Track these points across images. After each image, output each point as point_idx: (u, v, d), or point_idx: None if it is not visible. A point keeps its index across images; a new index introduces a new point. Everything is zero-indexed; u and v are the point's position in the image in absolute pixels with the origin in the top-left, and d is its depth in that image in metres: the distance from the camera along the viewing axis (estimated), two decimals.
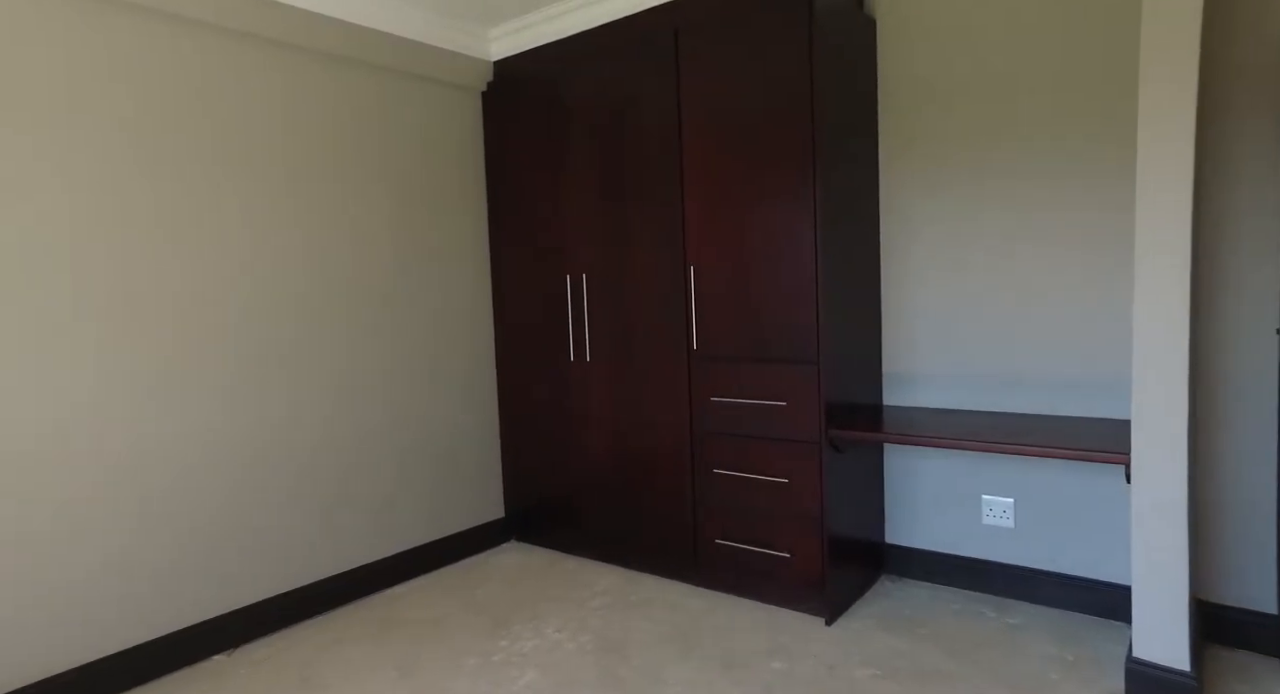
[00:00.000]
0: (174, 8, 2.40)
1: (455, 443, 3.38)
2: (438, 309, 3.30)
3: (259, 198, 2.67)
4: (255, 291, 2.67)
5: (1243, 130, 2.21)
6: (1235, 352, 2.25)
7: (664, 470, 2.97)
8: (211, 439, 2.55)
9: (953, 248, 2.73)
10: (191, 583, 2.51)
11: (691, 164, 2.75)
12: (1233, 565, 2.31)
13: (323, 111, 2.86)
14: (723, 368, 2.74)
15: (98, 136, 2.28)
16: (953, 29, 2.67)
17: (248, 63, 2.63)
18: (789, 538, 2.64)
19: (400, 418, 3.15)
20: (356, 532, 3.00)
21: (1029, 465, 2.64)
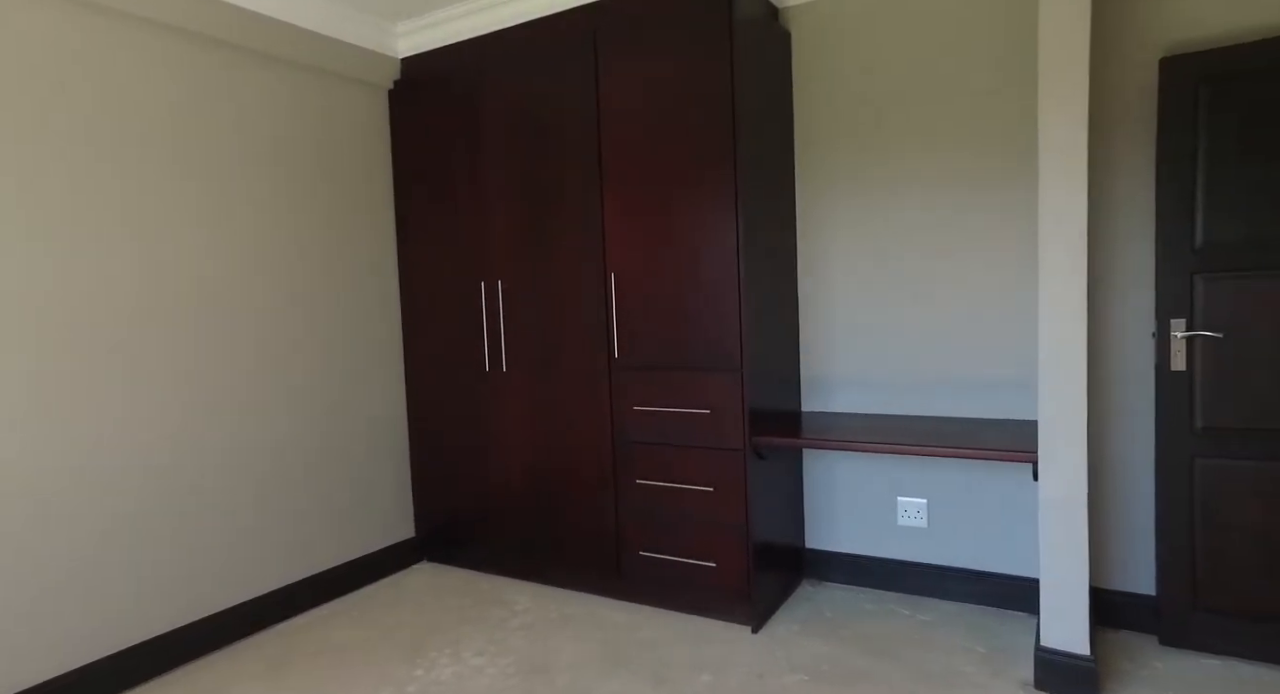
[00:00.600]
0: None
1: (361, 460, 3.18)
2: (340, 317, 3.10)
3: (143, 195, 2.42)
4: (140, 297, 2.40)
5: (1118, 150, 2.38)
6: (1118, 356, 2.43)
7: (585, 482, 2.89)
8: (92, 463, 2.27)
9: (866, 255, 2.82)
10: (69, 623, 2.22)
11: (612, 170, 2.71)
12: (1116, 553, 2.48)
13: (212, 103, 2.63)
14: (646, 377, 2.71)
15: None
16: (865, 43, 2.76)
17: (128, 45, 2.38)
18: (714, 547, 2.62)
19: (300, 435, 2.93)
20: (253, 559, 2.76)
21: (941, 466, 2.75)
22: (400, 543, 3.36)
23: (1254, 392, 2.16)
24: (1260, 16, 2.16)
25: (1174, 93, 2.19)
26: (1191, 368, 2.22)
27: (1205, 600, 2.27)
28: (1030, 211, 2.53)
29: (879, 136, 2.76)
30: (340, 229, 3.10)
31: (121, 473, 2.37)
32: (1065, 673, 2.07)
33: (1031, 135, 2.50)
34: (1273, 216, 2.11)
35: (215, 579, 2.64)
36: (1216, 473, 2.22)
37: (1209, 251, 2.18)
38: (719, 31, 2.45)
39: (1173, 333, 2.22)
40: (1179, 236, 2.21)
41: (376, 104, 3.28)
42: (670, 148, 2.58)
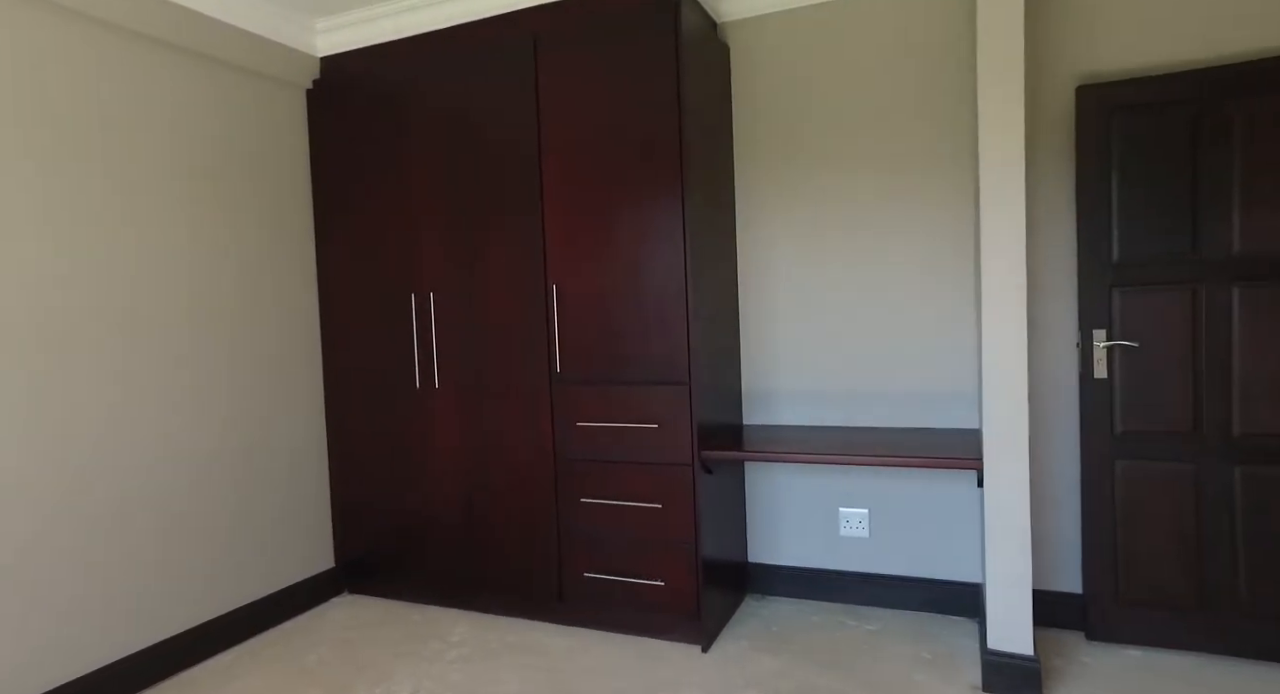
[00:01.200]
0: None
1: (274, 486, 2.93)
2: (253, 330, 2.85)
3: (18, 192, 2.14)
4: (32, 312, 2.12)
5: (1040, 171, 2.52)
6: (1043, 366, 2.55)
7: (524, 503, 2.77)
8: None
9: (806, 267, 2.86)
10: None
11: (552, 179, 2.64)
12: (1044, 555, 2.59)
13: (110, 94, 2.37)
14: (590, 391, 2.63)
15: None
16: (800, 60, 2.82)
17: (7, 23, 2.11)
18: (662, 565, 2.56)
19: (207, 461, 2.66)
20: (154, 599, 2.47)
21: (881, 476, 2.80)
22: (319, 574, 3.11)
23: (1164, 397, 2.32)
24: (1158, 55, 2.34)
25: (1089, 120, 2.35)
26: (1111, 376, 2.36)
27: (1127, 595, 2.40)
28: (959, 229, 2.63)
29: (815, 153, 2.81)
30: (253, 235, 2.87)
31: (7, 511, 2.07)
32: (1011, 674, 2.13)
33: (959, 154, 2.61)
34: (1173, 236, 2.28)
35: (120, 620, 2.34)
36: (1135, 475, 2.36)
37: (1124, 267, 2.34)
38: (666, 43, 2.43)
39: (1095, 343, 2.36)
40: (1097, 253, 2.36)
41: (293, 104, 3.07)
42: (615, 160, 2.53)
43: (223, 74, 2.76)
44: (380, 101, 2.93)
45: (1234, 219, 2.23)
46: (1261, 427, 2.24)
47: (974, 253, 2.61)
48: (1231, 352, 2.25)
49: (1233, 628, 2.30)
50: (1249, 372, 2.24)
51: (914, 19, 2.65)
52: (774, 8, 2.83)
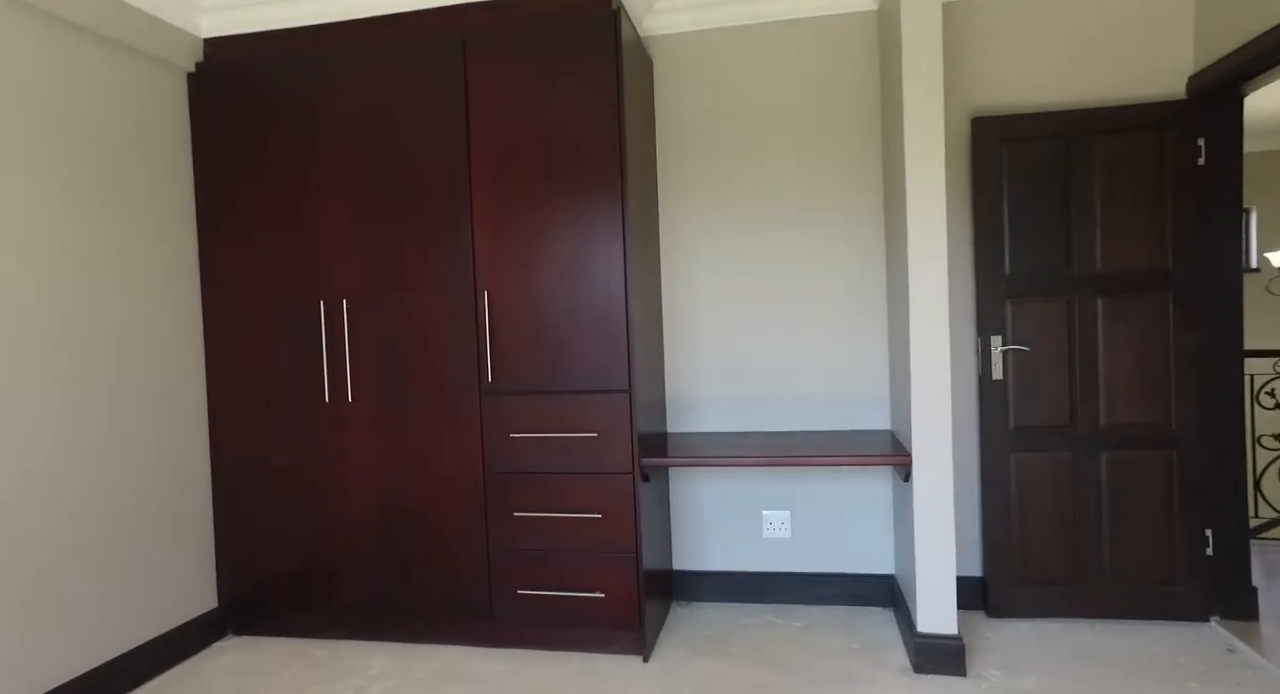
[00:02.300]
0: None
1: (142, 521, 2.57)
2: (121, 339, 2.50)
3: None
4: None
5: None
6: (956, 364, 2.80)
7: (451, 521, 2.62)
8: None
9: (727, 277, 2.95)
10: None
11: (483, 182, 2.55)
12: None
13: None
14: (524, 402, 2.55)
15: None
16: (720, 77, 2.93)
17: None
18: (603, 577, 2.52)
19: (64, 491, 2.29)
20: (14, 655, 2.07)
21: (801, 478, 2.93)
22: (198, 618, 2.75)
23: (1048, 395, 2.63)
24: (1035, 95, 2.68)
25: (982, 148, 2.63)
26: (1006, 377, 2.64)
27: (1020, 575, 2.67)
28: (870, 243, 2.84)
29: (734, 167, 2.92)
30: (124, 230, 2.52)
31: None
32: (939, 653, 2.30)
33: (869, 173, 2.83)
34: (1051, 253, 2.61)
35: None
36: (1026, 465, 2.65)
37: (1014, 280, 2.63)
38: (606, 49, 2.43)
39: (993, 348, 2.63)
40: (992, 266, 2.64)
41: (171, 88, 2.74)
42: (552, 164, 2.49)
43: (92, 47, 2.42)
44: (283, 93, 2.69)
45: (1097, 240, 2.59)
46: (1121, 417, 2.60)
47: (885, 265, 2.82)
48: (1097, 354, 2.60)
49: (1101, 594, 2.63)
50: (1111, 370, 2.60)
51: (825, 43, 2.84)
52: (694, 27, 2.93)
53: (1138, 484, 2.60)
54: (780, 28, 2.88)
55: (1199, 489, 2.59)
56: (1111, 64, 2.64)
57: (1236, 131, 2.56)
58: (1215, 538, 2.61)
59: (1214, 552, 2.61)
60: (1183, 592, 2.62)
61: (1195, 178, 2.55)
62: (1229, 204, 2.56)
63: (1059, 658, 2.41)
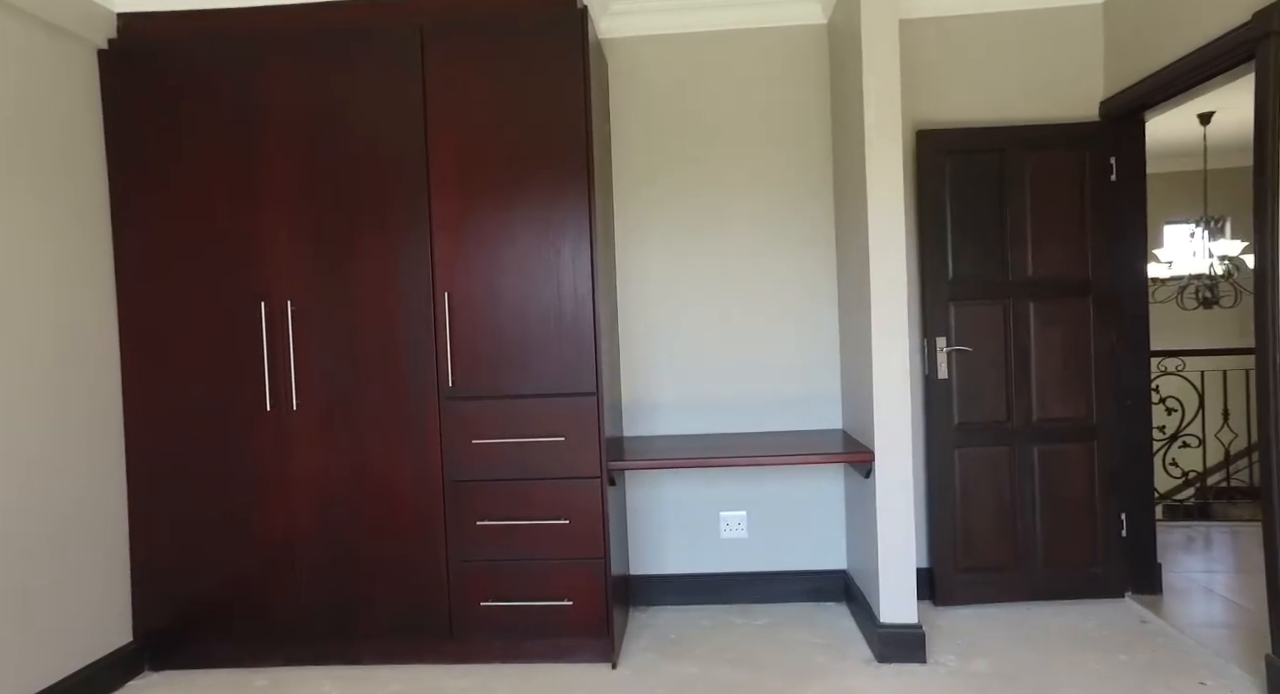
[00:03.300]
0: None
1: (40, 547, 2.29)
2: (17, 340, 2.23)
3: None
4: None
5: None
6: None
7: (407, 534, 2.49)
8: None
9: (681, 280, 2.97)
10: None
11: (442, 179, 2.45)
12: None
13: None
14: (487, 406, 2.46)
15: None
16: (675, 81, 2.95)
17: None
18: (570, 584, 2.46)
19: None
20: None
21: (758, 479, 2.97)
22: (110, 655, 2.47)
23: (988, 393, 2.80)
24: (973, 111, 2.87)
25: (926, 158, 2.78)
26: (950, 376, 2.79)
27: (963, 564, 2.82)
28: (821, 246, 2.93)
29: (687, 172, 2.95)
30: (20, 217, 2.25)
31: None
32: (902, 642, 2.39)
33: (821, 178, 2.92)
34: (989, 259, 2.79)
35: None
36: (969, 460, 2.81)
37: (957, 284, 2.79)
38: (574, 48, 2.40)
39: (938, 348, 2.77)
40: (937, 271, 2.79)
41: (79, 63, 2.48)
42: (517, 162, 2.43)
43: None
44: (211, 77, 2.49)
45: (1028, 248, 2.79)
46: (1051, 413, 2.81)
47: (835, 270, 2.92)
48: (1030, 354, 2.80)
49: (1034, 578, 2.83)
50: (1042, 369, 2.80)
51: (777, 54, 2.92)
52: (648, 31, 2.94)
53: (1065, 474, 2.82)
54: (732, 36, 2.94)
55: (1115, 477, 2.83)
56: (1038, 86, 2.86)
57: (1141, 152, 2.83)
58: (1128, 521, 2.86)
59: (1127, 533, 2.86)
60: (1102, 572, 2.85)
61: (1108, 193, 2.80)
62: (1137, 217, 2.83)
63: (1004, 640, 2.56)
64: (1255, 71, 2.14)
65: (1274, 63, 2.07)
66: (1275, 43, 2.07)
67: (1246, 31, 2.15)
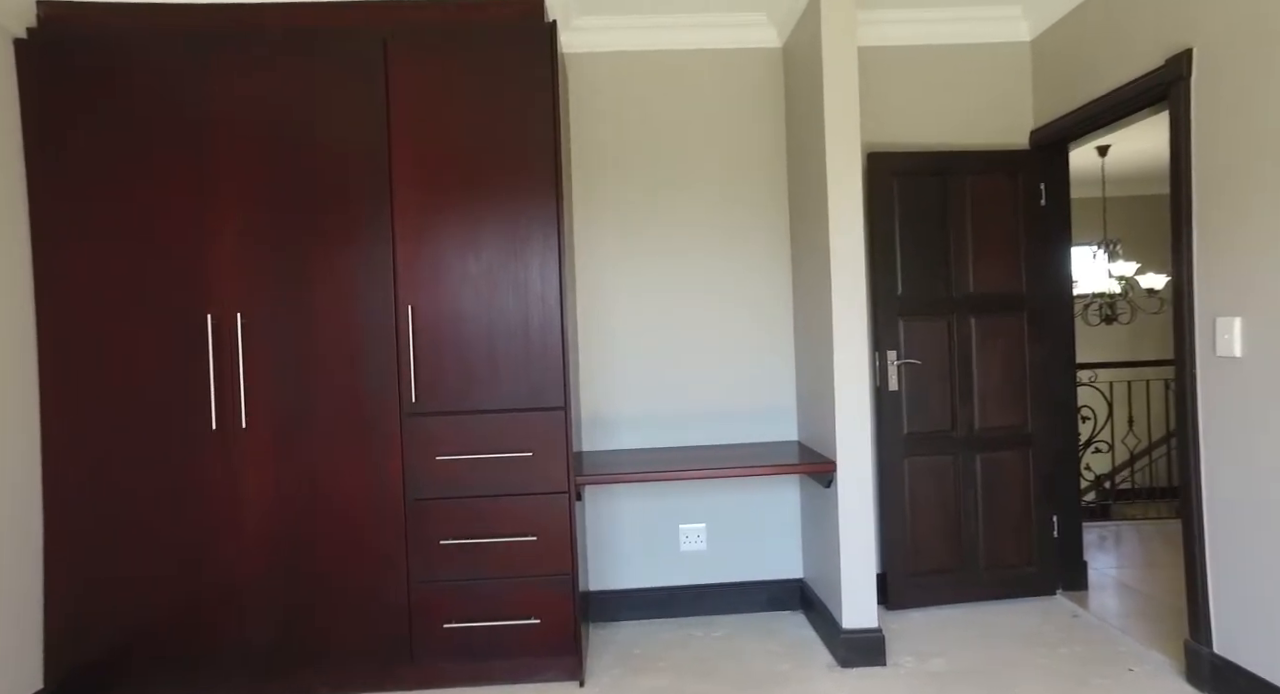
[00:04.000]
0: None
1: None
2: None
3: None
4: None
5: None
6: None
7: (364, 555, 2.39)
8: None
9: (638, 298, 2.99)
10: None
11: (406, 188, 2.38)
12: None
13: None
14: (451, 422, 2.40)
15: None
16: (632, 98, 2.99)
17: None
18: (537, 602, 2.41)
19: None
20: None
21: (716, 491, 3.01)
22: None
23: (934, 404, 2.94)
24: (918, 136, 3.03)
25: (876, 179, 2.91)
26: (900, 388, 2.91)
27: (913, 568, 2.94)
28: (775, 265, 3.02)
29: (646, 186, 2.99)
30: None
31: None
32: (863, 647, 2.47)
33: (776, 196, 3.01)
34: (934, 277, 2.94)
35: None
36: (917, 468, 2.93)
37: (906, 300, 2.93)
38: (543, 60, 2.39)
39: (889, 362, 2.89)
40: (887, 288, 2.91)
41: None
42: (485, 172, 2.40)
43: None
44: (155, 75, 2.35)
45: (969, 266, 2.96)
46: (991, 422, 2.98)
47: (791, 285, 3.01)
48: (972, 366, 2.96)
49: (978, 579, 2.97)
50: (983, 381, 2.97)
51: (734, 74, 3.00)
52: (608, 47, 2.97)
53: (1003, 480, 2.98)
54: (689, 56, 3.00)
55: (1047, 482, 3.02)
56: (977, 114, 3.05)
57: (1066, 179, 3.06)
58: (1059, 522, 3.05)
59: (1058, 534, 3.05)
60: (1036, 571, 3.03)
61: (1039, 216, 3.01)
62: (1063, 239, 3.05)
63: (955, 640, 2.68)
64: (1169, 112, 2.36)
65: (1184, 104, 2.29)
66: (1185, 86, 2.29)
67: (1160, 75, 2.37)
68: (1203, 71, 2.22)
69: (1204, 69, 2.22)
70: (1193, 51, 2.25)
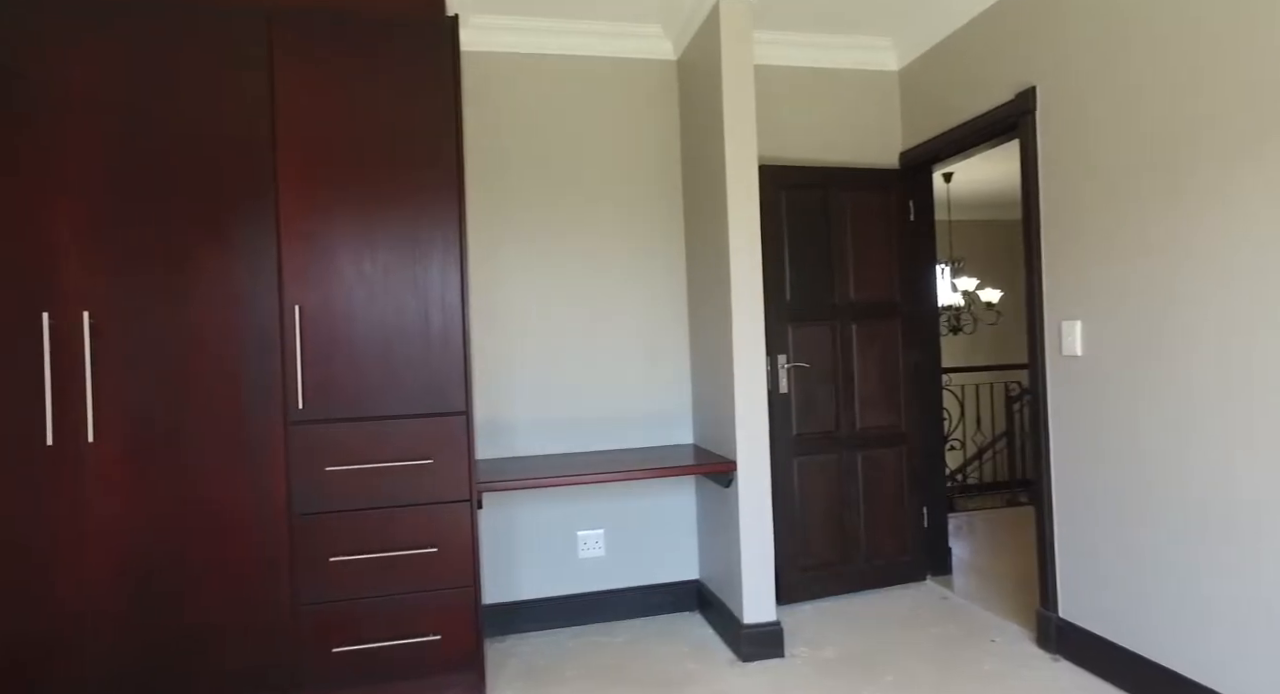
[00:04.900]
0: None
1: None
2: None
3: None
4: None
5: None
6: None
7: (240, 581, 2.18)
8: None
9: (533, 303, 2.95)
10: None
11: (293, 184, 2.22)
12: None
13: None
14: (343, 430, 2.25)
15: None
16: (527, 101, 2.96)
17: None
18: (438, 616, 2.30)
19: None
20: None
21: (614, 496, 3.01)
22: None
23: (820, 406, 3.11)
24: (805, 152, 3.21)
25: (767, 191, 3.05)
26: (790, 391, 3.05)
27: (803, 563, 3.08)
28: (671, 270, 3.08)
29: (543, 189, 2.96)
30: None
31: None
32: (763, 641, 2.55)
33: (671, 202, 3.08)
34: (819, 284, 3.12)
35: None
36: (806, 467, 3.08)
37: (795, 306, 3.08)
38: (444, 54, 2.32)
39: (780, 366, 3.03)
40: (777, 294, 3.05)
41: None
42: (382, 170, 2.28)
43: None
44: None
45: (850, 275, 3.17)
46: (870, 421, 3.19)
47: (686, 290, 3.09)
48: (854, 369, 3.16)
49: (860, 570, 3.16)
50: (863, 383, 3.17)
51: (628, 84, 3.05)
52: (504, 48, 2.93)
53: (881, 476, 3.20)
54: (586, 63, 3.02)
55: (918, 476, 3.27)
56: (855, 133, 3.28)
57: (931, 198, 3.36)
58: (928, 514, 3.31)
59: (928, 524, 3.31)
60: (910, 559, 3.26)
61: (908, 230, 3.27)
62: (928, 252, 3.33)
63: (843, 629, 2.82)
64: (1020, 141, 2.66)
65: (1031, 134, 2.59)
66: (1032, 119, 2.58)
67: (1010, 108, 2.66)
68: (1046, 106, 2.52)
69: (1046, 104, 2.52)
70: (1036, 88, 2.55)
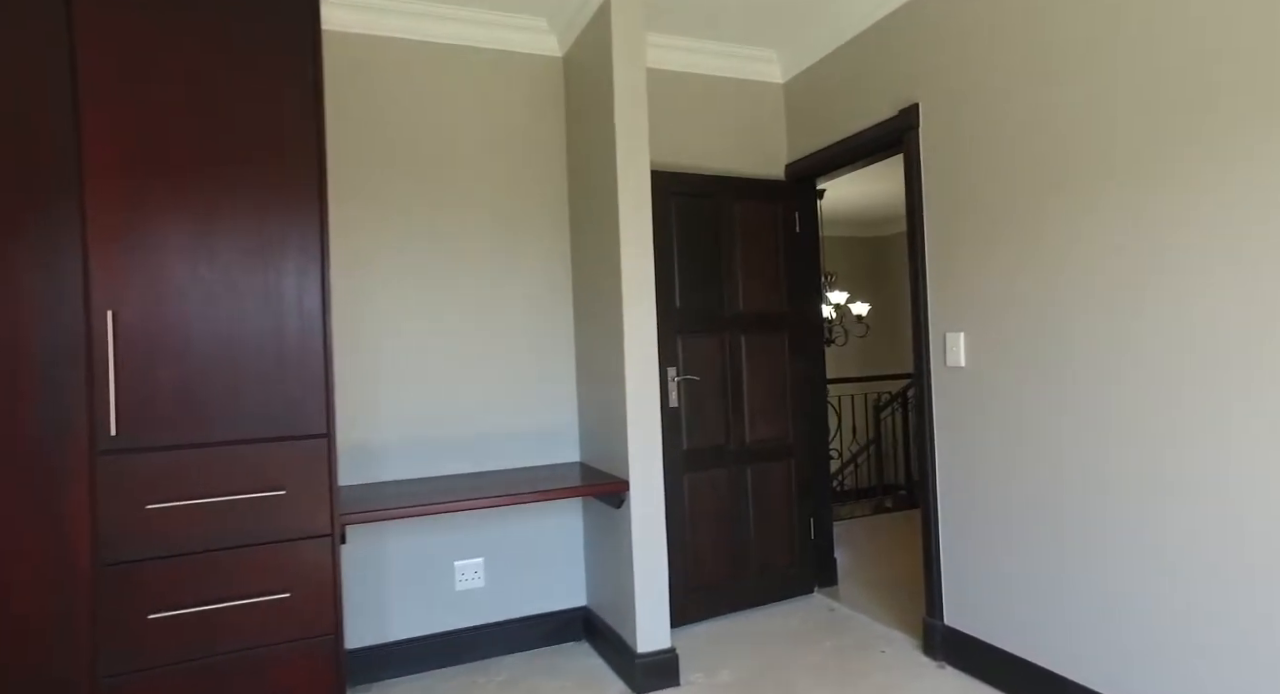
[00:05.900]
0: None
1: None
2: None
3: None
4: None
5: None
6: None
7: (18, 651, 1.77)
8: None
9: (404, 314, 2.69)
10: None
11: (102, 173, 1.85)
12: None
13: None
14: (172, 459, 1.89)
15: None
16: (395, 89, 2.70)
17: None
18: (292, 672, 1.98)
19: None
20: None
21: (494, 522, 2.77)
22: None
23: (710, 419, 3.03)
24: (695, 160, 3.14)
25: (657, 198, 2.94)
26: (681, 404, 2.95)
27: (694, 582, 2.97)
28: (554, 279, 2.91)
29: (416, 190, 2.71)
30: None
31: None
32: (658, 669, 2.41)
33: (556, 206, 2.91)
34: (709, 294, 3.05)
35: None
36: (696, 482, 2.98)
37: (684, 317, 2.98)
38: (304, 30, 2.03)
39: (670, 379, 2.92)
40: (667, 304, 2.95)
41: None
42: (221, 159, 1.95)
43: None
44: None
45: (739, 285, 3.12)
46: (759, 434, 3.14)
47: (572, 303, 2.91)
48: (743, 381, 3.11)
49: (751, 586, 3.10)
50: (752, 396, 3.13)
51: (509, 78, 2.86)
52: (370, 30, 2.66)
53: (770, 489, 3.16)
54: (465, 52, 2.80)
55: (805, 488, 3.27)
56: (742, 142, 3.25)
57: (814, 210, 3.39)
58: (815, 525, 3.31)
59: (815, 535, 3.31)
60: (797, 572, 3.24)
61: (794, 241, 3.28)
62: (813, 264, 3.36)
63: (736, 650, 2.73)
64: (904, 156, 2.71)
65: (914, 149, 2.64)
66: (915, 135, 2.64)
67: (894, 124, 2.71)
68: (928, 122, 2.58)
69: (929, 120, 2.57)
70: (919, 105, 2.61)
